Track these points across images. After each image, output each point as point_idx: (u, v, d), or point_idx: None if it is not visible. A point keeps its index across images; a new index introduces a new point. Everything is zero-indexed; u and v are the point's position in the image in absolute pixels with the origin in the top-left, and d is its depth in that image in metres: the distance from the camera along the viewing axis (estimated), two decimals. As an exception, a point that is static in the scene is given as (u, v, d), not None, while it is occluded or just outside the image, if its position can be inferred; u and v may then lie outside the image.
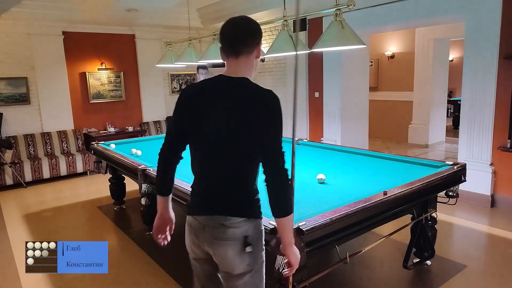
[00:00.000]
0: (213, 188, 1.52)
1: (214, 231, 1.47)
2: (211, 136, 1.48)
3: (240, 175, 1.50)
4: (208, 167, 1.52)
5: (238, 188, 1.51)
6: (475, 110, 4.38)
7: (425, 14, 4.75)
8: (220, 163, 1.49)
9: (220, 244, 1.47)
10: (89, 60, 6.91)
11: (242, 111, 1.45)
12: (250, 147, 1.46)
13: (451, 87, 9.77)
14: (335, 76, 6.06)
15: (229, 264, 1.49)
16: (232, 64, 1.50)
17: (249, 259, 1.49)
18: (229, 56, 1.50)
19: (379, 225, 2.44)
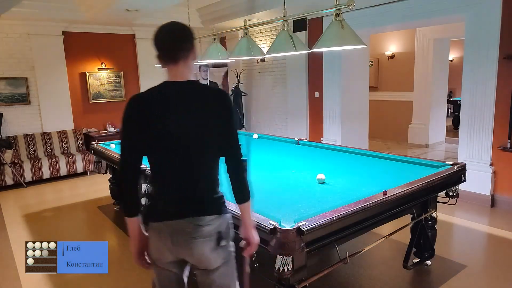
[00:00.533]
0: (182, 191, 1.53)
1: (190, 232, 1.49)
2: (172, 142, 1.50)
3: (206, 175, 1.56)
4: (174, 172, 1.54)
5: (205, 187, 1.56)
6: (475, 110, 4.38)
7: (425, 14, 4.74)
8: (185, 166, 1.52)
9: (197, 243, 1.49)
10: (89, 60, 6.91)
11: (200, 113, 1.51)
12: (212, 146, 1.54)
13: (451, 87, 9.77)
14: (335, 76, 6.06)
15: (207, 260, 1.53)
16: (173, 70, 1.53)
17: (223, 252, 1.55)
18: (168, 63, 1.52)
19: (379, 225, 2.44)
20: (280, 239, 1.77)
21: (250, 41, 3.35)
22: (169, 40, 1.51)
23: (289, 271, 1.82)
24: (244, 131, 6.21)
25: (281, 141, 4.57)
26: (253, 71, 7.80)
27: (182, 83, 1.53)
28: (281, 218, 1.93)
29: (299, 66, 6.63)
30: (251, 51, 3.31)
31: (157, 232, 1.54)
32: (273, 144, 4.47)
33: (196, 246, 1.49)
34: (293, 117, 6.98)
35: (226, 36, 8.04)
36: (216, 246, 1.52)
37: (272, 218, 1.92)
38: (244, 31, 3.36)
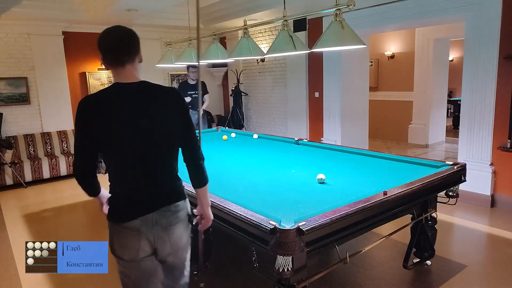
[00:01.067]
0: (151, 186, 1.64)
1: (167, 220, 1.66)
2: (133, 141, 1.57)
3: (168, 167, 1.70)
4: (137, 170, 1.61)
5: (170, 178, 1.72)
6: (475, 110, 4.38)
7: (425, 14, 4.75)
8: (148, 162, 1.61)
9: (175, 228, 1.69)
10: (89, 60, 6.91)
11: (157, 111, 1.60)
12: (171, 140, 1.67)
13: (451, 87, 9.77)
14: (335, 76, 6.06)
15: (180, 240, 1.74)
16: (121, 72, 1.60)
17: (189, 230, 1.81)
18: (115, 66, 1.60)
19: (379, 225, 2.44)
20: (280, 239, 1.77)
21: (250, 41, 3.35)
22: (116, 44, 1.59)
23: (289, 271, 1.82)
24: (244, 131, 6.21)
25: (281, 141, 4.56)
26: (253, 71, 7.80)
27: (133, 84, 1.60)
28: (281, 218, 1.93)
29: (299, 66, 6.63)
30: (251, 51, 3.30)
31: (135, 229, 1.61)
32: (273, 144, 4.47)
33: (175, 230, 1.69)
34: (293, 117, 6.98)
35: (226, 36, 8.04)
36: (187, 226, 1.77)
37: (272, 218, 1.91)
38: (244, 31, 3.36)
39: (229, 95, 8.42)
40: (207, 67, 8.39)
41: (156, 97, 1.63)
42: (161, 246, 1.67)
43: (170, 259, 1.74)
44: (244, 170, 3.29)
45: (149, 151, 1.61)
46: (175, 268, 1.81)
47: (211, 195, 2.36)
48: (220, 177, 3.07)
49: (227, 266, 3.13)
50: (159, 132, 1.61)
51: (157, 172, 1.65)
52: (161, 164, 1.67)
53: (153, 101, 1.61)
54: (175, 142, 1.69)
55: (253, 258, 2.04)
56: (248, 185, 2.80)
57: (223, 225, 2.28)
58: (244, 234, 2.07)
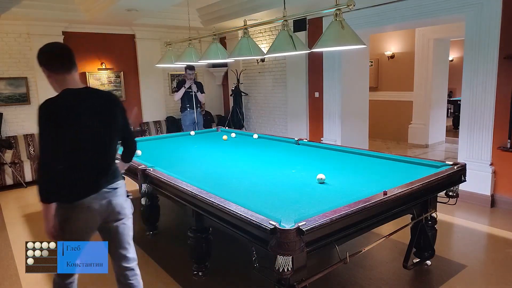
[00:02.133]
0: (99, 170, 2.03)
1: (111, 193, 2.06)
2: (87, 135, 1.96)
3: (111, 155, 2.10)
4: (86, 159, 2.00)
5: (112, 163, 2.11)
6: (475, 110, 4.38)
7: (425, 14, 4.75)
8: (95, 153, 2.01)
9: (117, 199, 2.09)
10: (89, 60, 6.91)
11: (102, 111, 2.01)
12: (114, 134, 2.09)
13: (451, 87, 9.77)
14: (335, 76, 6.07)
15: (123, 210, 2.14)
16: (69, 79, 1.96)
17: (130, 203, 2.22)
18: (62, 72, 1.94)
19: (379, 225, 2.44)
20: (280, 239, 1.77)
21: (250, 41, 3.35)
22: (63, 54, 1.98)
23: (289, 271, 1.82)
24: (244, 131, 6.22)
25: (281, 141, 4.57)
26: (253, 71, 7.80)
27: (80, 89, 1.99)
28: (281, 218, 1.93)
29: (299, 66, 6.63)
30: (251, 51, 3.30)
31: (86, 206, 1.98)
32: (273, 144, 4.47)
33: (117, 201, 2.09)
34: (293, 117, 6.98)
35: (226, 36, 8.04)
36: (126, 198, 2.19)
37: (272, 218, 1.91)
38: (244, 31, 3.35)
39: (229, 95, 8.42)
40: (207, 67, 8.39)
41: (102, 99, 2.04)
42: (109, 216, 2.08)
43: (117, 226, 2.13)
44: (244, 170, 3.29)
45: (98, 143, 2.01)
46: (123, 234, 2.17)
47: (211, 195, 2.38)
48: (220, 177, 3.07)
49: (227, 266, 3.13)
50: (105, 127, 2.02)
51: (103, 159, 2.05)
52: (106, 153, 2.06)
53: (100, 102, 2.02)
54: (117, 135, 2.12)
55: (253, 258, 2.04)
56: (248, 185, 2.80)
57: (223, 225, 2.28)
58: (244, 234, 2.07)
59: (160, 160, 3.69)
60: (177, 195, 2.79)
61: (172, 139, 5.13)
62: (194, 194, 2.47)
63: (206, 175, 3.14)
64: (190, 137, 5.24)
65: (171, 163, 3.62)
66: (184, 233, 2.88)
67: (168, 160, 3.82)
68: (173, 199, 2.92)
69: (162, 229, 3.88)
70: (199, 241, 2.77)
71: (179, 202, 2.82)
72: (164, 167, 3.26)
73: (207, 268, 2.93)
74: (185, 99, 6.45)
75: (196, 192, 2.48)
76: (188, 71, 6.32)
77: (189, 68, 6.30)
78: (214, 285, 2.84)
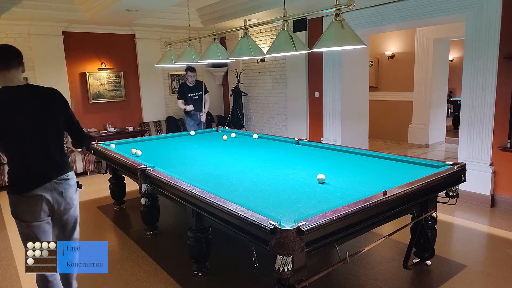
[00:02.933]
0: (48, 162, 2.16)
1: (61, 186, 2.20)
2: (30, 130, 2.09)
3: (59, 147, 2.24)
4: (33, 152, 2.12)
5: (61, 155, 2.26)
6: (475, 110, 4.38)
7: (425, 14, 4.75)
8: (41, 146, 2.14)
9: (68, 190, 2.23)
10: (89, 60, 6.92)
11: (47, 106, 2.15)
12: (59, 127, 2.24)
13: (451, 87, 9.77)
14: (335, 76, 6.07)
15: (72, 200, 2.28)
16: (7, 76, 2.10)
17: (78, 195, 2.37)
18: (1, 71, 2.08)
19: (379, 225, 2.44)
20: (280, 239, 1.77)
21: (250, 41, 3.35)
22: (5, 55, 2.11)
23: (289, 271, 1.82)
24: (244, 131, 6.22)
25: (281, 141, 4.57)
26: (253, 71, 7.80)
27: (20, 86, 2.12)
28: (281, 218, 1.93)
29: (299, 66, 6.63)
30: (251, 51, 3.30)
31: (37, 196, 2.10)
32: (273, 144, 4.47)
33: (67, 193, 2.23)
34: (293, 117, 6.98)
35: (226, 36, 8.04)
36: (75, 190, 2.32)
37: (272, 218, 1.91)
38: (244, 31, 3.35)
39: (229, 95, 8.42)
40: (207, 67, 8.39)
41: (42, 94, 2.19)
42: (58, 206, 2.21)
43: (65, 216, 2.28)
44: (244, 170, 3.29)
45: (43, 136, 2.14)
46: (69, 223, 2.33)
47: (211, 195, 2.38)
48: (220, 177, 3.07)
49: (227, 266, 3.13)
50: (49, 121, 2.16)
51: (51, 151, 2.18)
52: (53, 145, 2.20)
53: (41, 97, 2.16)
54: (62, 128, 2.26)
55: (253, 258, 2.04)
56: (248, 185, 2.80)
57: (223, 225, 2.28)
58: (244, 234, 2.07)
59: (160, 160, 3.69)
60: (177, 195, 2.79)
61: (172, 139, 5.14)
62: (194, 194, 2.47)
63: (206, 175, 3.14)
64: (190, 137, 5.24)
65: (171, 163, 3.62)
66: (184, 233, 2.88)
67: (168, 160, 3.82)
68: (173, 199, 2.92)
69: (162, 229, 3.88)
70: (199, 241, 2.77)
71: (179, 202, 2.82)
72: (164, 167, 3.26)
73: (207, 268, 2.93)
74: (189, 102, 6.23)
75: (196, 192, 2.48)
76: (189, 73, 6.13)
77: (189, 70, 6.11)
78: (214, 285, 2.84)
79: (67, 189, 2.22)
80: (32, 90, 2.17)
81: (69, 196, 2.25)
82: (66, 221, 2.30)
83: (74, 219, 2.35)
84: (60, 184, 2.18)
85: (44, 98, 2.17)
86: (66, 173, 2.23)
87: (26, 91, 2.13)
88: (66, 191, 2.22)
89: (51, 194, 2.15)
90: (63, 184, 2.20)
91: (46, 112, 2.14)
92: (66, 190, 2.22)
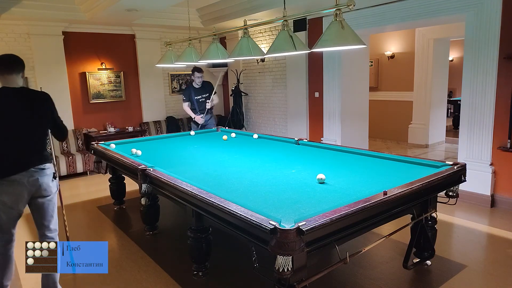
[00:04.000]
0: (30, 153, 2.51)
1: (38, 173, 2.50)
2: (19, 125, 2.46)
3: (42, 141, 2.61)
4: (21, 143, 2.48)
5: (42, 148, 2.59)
6: (475, 110, 4.38)
7: (425, 14, 4.75)
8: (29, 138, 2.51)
9: (44, 178, 2.53)
10: (89, 60, 6.91)
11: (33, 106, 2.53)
12: (43, 125, 2.62)
13: (451, 87, 9.77)
14: (335, 76, 6.07)
15: (49, 187, 2.57)
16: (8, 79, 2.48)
17: (56, 185, 2.66)
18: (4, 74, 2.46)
19: (379, 225, 2.44)
20: (280, 239, 1.77)
21: (250, 41, 3.35)
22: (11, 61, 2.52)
23: (289, 271, 1.82)
24: (244, 131, 6.21)
25: (281, 141, 4.57)
26: (253, 71, 7.80)
27: (17, 88, 2.51)
28: (281, 218, 1.93)
29: (299, 66, 6.63)
30: (251, 51, 3.30)
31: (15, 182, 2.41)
32: (273, 144, 4.47)
33: (43, 180, 2.52)
34: (293, 117, 6.98)
35: (226, 36, 8.04)
36: (52, 180, 2.60)
37: (272, 218, 1.91)
38: (244, 31, 3.35)
39: (229, 95, 8.42)
40: (207, 67, 8.39)
41: (34, 96, 2.58)
42: (36, 192, 2.51)
43: (41, 201, 2.55)
44: (244, 170, 3.29)
45: (29, 132, 2.50)
46: (46, 210, 2.59)
47: (211, 195, 2.38)
48: (220, 177, 3.07)
49: (227, 266, 3.13)
50: (36, 119, 2.53)
51: (34, 144, 2.53)
52: (36, 140, 2.55)
53: (32, 99, 2.54)
54: (46, 126, 2.65)
55: (253, 258, 2.04)
56: (248, 185, 2.80)
57: (223, 225, 2.28)
58: (244, 234, 2.07)
59: (160, 160, 3.69)
60: (177, 195, 2.79)
61: (172, 139, 5.14)
62: (194, 194, 2.47)
63: (206, 175, 3.14)
64: (190, 137, 5.24)
65: (171, 163, 3.62)
66: (184, 233, 2.88)
67: (168, 160, 3.82)
68: (173, 199, 2.92)
69: (162, 229, 3.88)
70: (199, 241, 2.77)
71: (179, 202, 2.82)
72: (164, 167, 3.26)
73: (207, 268, 2.93)
74: (195, 105, 5.94)
75: (196, 192, 2.48)
76: (196, 73, 5.74)
77: (196, 71, 5.73)
78: (214, 285, 2.84)
79: (43, 177, 2.52)
80: (26, 92, 2.55)
81: (45, 182, 2.53)
82: (43, 207, 2.57)
83: (51, 206, 2.62)
84: (37, 172, 2.49)
85: (35, 100, 2.56)
86: (44, 163, 2.54)
87: (21, 93, 2.52)
88: (42, 178, 2.52)
89: (28, 180, 2.46)
90: (39, 172, 2.51)
91: (35, 112, 2.52)
92: (42, 177, 2.52)
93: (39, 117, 2.55)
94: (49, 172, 2.58)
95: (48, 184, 2.56)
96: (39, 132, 2.58)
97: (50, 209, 2.61)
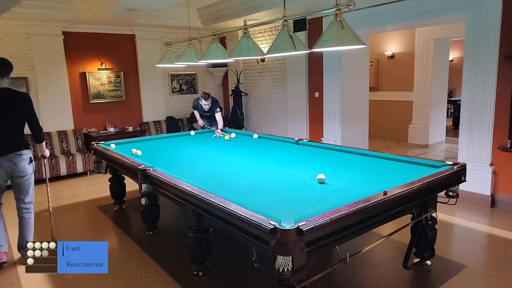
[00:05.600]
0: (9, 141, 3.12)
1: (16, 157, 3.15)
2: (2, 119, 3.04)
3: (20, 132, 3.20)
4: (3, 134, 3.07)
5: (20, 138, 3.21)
6: (475, 110, 4.38)
7: (425, 14, 4.75)
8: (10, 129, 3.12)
9: (21, 163, 3.17)
10: (89, 60, 6.92)
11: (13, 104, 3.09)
12: (22, 120, 3.19)
13: (451, 87, 9.77)
14: (335, 76, 6.07)
15: (25, 170, 3.21)
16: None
17: (32, 167, 3.27)
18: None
19: (379, 225, 2.44)
20: (280, 239, 1.78)
21: (250, 41, 3.35)
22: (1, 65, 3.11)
23: (289, 271, 1.82)
24: (244, 131, 6.22)
25: (281, 141, 4.57)
26: (253, 71, 7.80)
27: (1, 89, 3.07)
28: (281, 218, 1.93)
29: (299, 66, 6.63)
30: (251, 51, 3.30)
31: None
32: (273, 144, 4.47)
33: (20, 164, 3.17)
34: (293, 117, 6.98)
35: (226, 36, 8.04)
36: (29, 163, 3.23)
37: (272, 218, 1.91)
38: (244, 31, 3.35)
39: (229, 95, 8.42)
40: (207, 67, 8.39)
41: (16, 96, 3.14)
42: (13, 173, 3.16)
43: (19, 180, 3.22)
44: (244, 170, 3.29)
45: (9, 124, 3.09)
46: (24, 187, 3.26)
47: (211, 195, 2.38)
48: (220, 177, 3.07)
49: (227, 266, 3.13)
50: (15, 114, 3.11)
51: (13, 135, 3.13)
52: (16, 131, 3.15)
53: (14, 98, 3.11)
54: (24, 121, 3.20)
55: (253, 258, 2.04)
56: (248, 185, 2.80)
57: (223, 225, 2.28)
58: (244, 234, 2.07)
59: (160, 160, 3.70)
60: (177, 195, 2.79)
61: (172, 139, 5.14)
62: (194, 194, 2.47)
63: (206, 175, 3.14)
64: (190, 137, 5.24)
65: (171, 163, 3.63)
66: (184, 233, 2.88)
67: (168, 160, 3.82)
68: (173, 199, 2.92)
69: (162, 229, 3.88)
70: (199, 241, 2.77)
71: (179, 202, 2.82)
72: (164, 167, 3.26)
73: (207, 268, 2.93)
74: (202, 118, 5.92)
75: (196, 192, 2.48)
76: (203, 101, 5.59)
77: (204, 99, 5.58)
78: (214, 285, 2.84)
79: (20, 161, 3.15)
80: (8, 92, 3.11)
81: (22, 166, 3.17)
82: (20, 185, 3.24)
83: (28, 184, 3.27)
84: (14, 157, 3.13)
85: (15, 98, 3.12)
86: (21, 150, 3.16)
87: (4, 92, 3.08)
88: (19, 162, 3.15)
89: (7, 163, 3.11)
90: (17, 157, 3.14)
91: (14, 108, 3.09)
92: (19, 162, 3.15)
93: (18, 113, 3.12)
94: (25, 157, 3.19)
95: (25, 167, 3.19)
96: (18, 125, 3.15)
97: (26, 186, 3.26)
